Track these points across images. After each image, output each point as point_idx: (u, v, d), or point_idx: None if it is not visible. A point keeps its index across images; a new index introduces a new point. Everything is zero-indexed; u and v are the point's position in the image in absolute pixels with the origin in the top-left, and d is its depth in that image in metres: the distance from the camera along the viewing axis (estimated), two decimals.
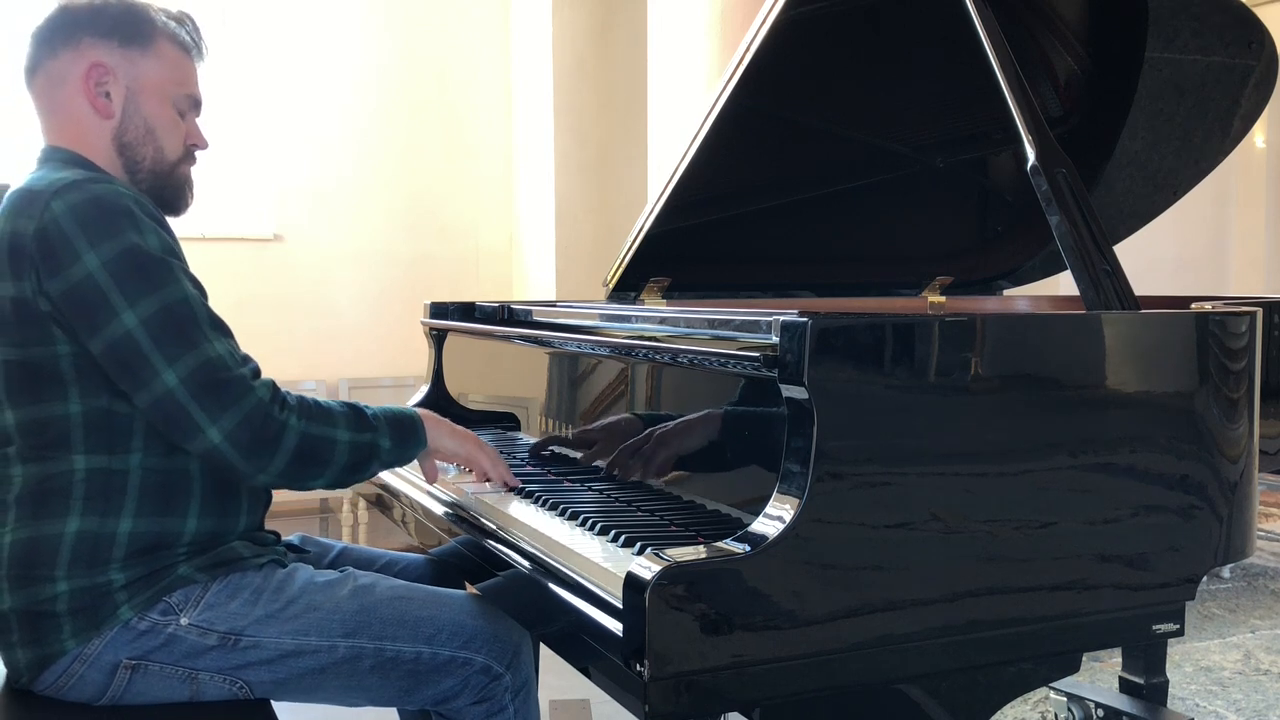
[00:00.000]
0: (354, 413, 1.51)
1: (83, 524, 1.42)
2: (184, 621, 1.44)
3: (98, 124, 1.54)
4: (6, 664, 1.47)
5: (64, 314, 1.40)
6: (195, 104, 1.63)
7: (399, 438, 1.54)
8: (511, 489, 1.68)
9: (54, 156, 1.54)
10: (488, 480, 1.69)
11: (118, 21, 1.55)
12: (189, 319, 1.41)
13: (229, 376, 1.41)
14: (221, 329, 1.46)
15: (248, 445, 1.40)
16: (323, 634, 1.48)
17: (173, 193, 1.61)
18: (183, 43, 1.61)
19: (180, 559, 1.46)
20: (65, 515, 1.42)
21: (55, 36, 1.54)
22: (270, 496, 1.62)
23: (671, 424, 1.55)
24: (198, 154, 1.64)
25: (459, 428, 1.67)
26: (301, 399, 1.47)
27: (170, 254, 1.44)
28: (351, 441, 1.48)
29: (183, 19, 1.63)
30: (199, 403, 1.38)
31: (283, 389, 1.47)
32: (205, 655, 1.45)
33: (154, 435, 1.45)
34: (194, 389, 1.38)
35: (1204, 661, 3.38)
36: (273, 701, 1.52)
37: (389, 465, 1.57)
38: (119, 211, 1.41)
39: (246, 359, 1.47)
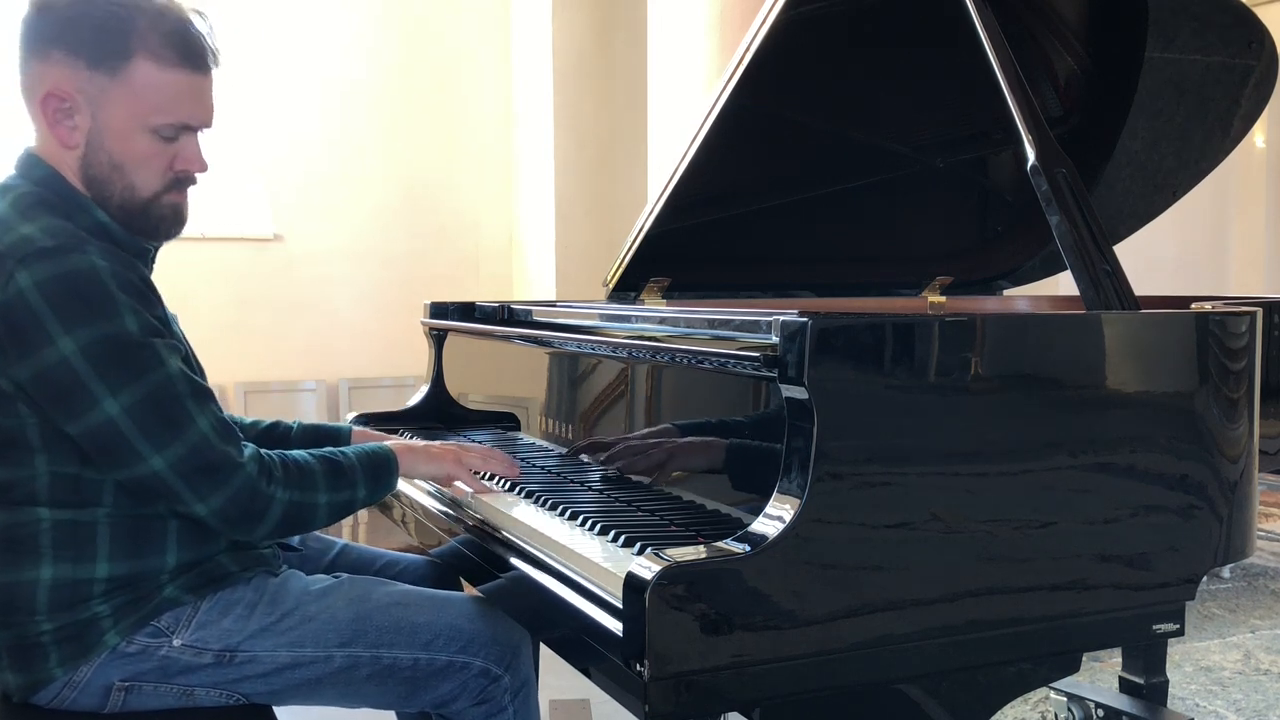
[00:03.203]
0: (332, 469, 1.47)
1: (57, 571, 1.38)
2: (176, 643, 1.42)
3: (62, 151, 1.41)
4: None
5: (33, 396, 1.33)
6: (187, 128, 1.45)
7: (374, 483, 1.52)
8: (516, 482, 1.67)
9: (30, 174, 1.42)
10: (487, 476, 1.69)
11: (92, 35, 1.37)
12: (172, 400, 1.34)
13: (217, 457, 1.36)
14: (204, 397, 1.38)
15: (235, 519, 1.38)
16: (319, 645, 1.47)
17: (151, 223, 1.46)
18: (175, 58, 1.41)
19: (165, 583, 1.44)
20: (38, 564, 1.38)
21: (28, 42, 1.40)
22: None
23: (671, 423, 1.54)
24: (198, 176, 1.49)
25: (434, 447, 1.65)
26: (285, 465, 1.42)
27: (151, 333, 1.35)
28: (330, 502, 1.46)
29: (182, 25, 1.43)
30: (188, 484, 1.35)
31: (266, 454, 1.41)
32: (200, 672, 1.44)
33: (123, 492, 1.40)
34: (182, 472, 1.34)
35: (1204, 661, 3.38)
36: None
37: (363, 507, 1.56)
38: (92, 291, 1.30)
39: (230, 430, 1.40)
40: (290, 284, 4.95)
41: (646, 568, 1.10)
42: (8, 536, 1.39)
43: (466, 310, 2.34)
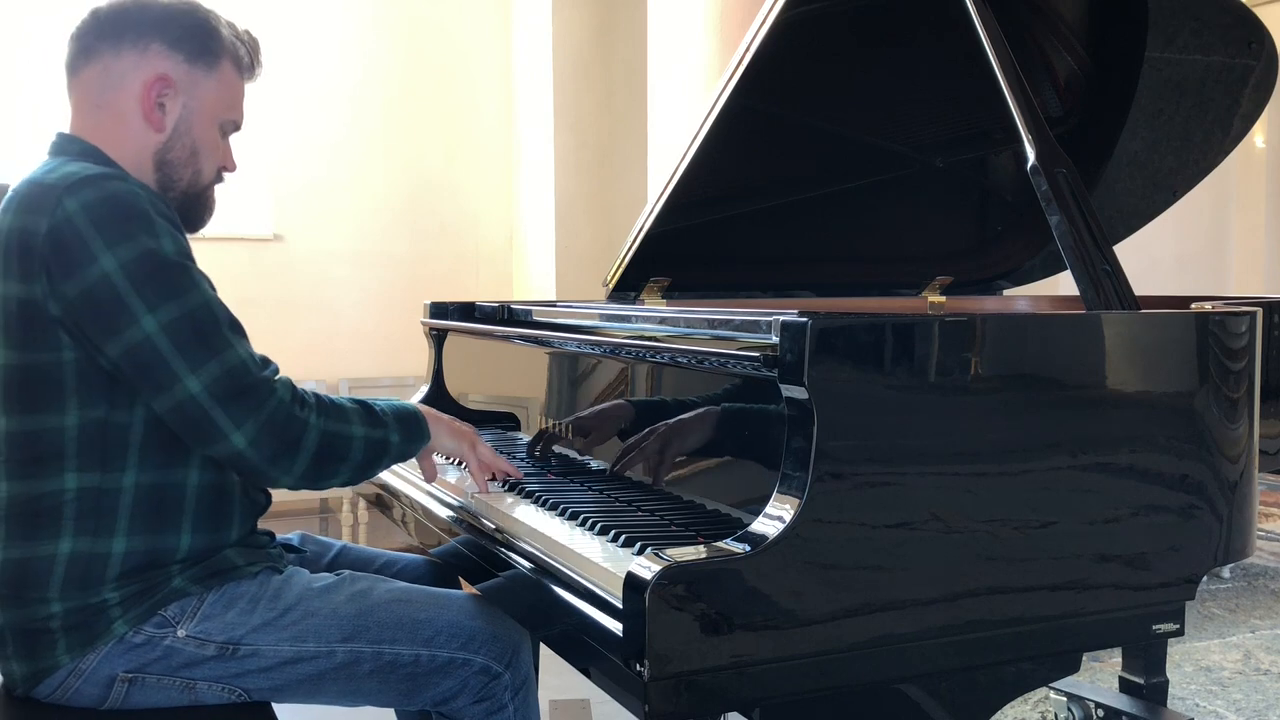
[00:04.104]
0: (364, 409, 1.50)
1: (75, 545, 1.39)
2: (181, 633, 1.43)
3: (144, 135, 1.50)
4: (3, 673, 1.46)
5: (77, 317, 1.36)
6: (237, 126, 1.61)
7: (406, 433, 1.54)
8: (516, 482, 1.68)
9: (69, 148, 1.49)
10: (491, 477, 1.69)
11: (189, 34, 1.51)
12: (210, 323, 1.39)
13: (252, 381, 1.39)
14: (239, 330, 1.43)
15: (272, 450, 1.39)
16: (321, 640, 1.47)
17: (197, 212, 1.59)
18: (242, 64, 1.58)
19: (175, 573, 1.45)
20: (57, 536, 1.39)
21: (123, 33, 1.49)
22: (265, 505, 1.60)
23: (671, 423, 1.55)
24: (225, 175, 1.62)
25: (457, 425, 1.66)
26: (318, 396, 1.46)
27: (186, 256, 1.42)
28: (366, 437, 1.48)
29: (247, 39, 1.60)
30: (223, 408, 1.36)
31: (299, 386, 1.46)
32: (203, 665, 1.44)
33: (148, 450, 1.42)
34: (218, 395, 1.36)
35: (1204, 661, 3.38)
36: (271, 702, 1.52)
37: (396, 461, 1.56)
38: (135, 212, 1.37)
39: (266, 360, 1.45)
40: (290, 284, 4.95)
41: (646, 567, 1.10)
42: (31, 509, 1.40)
43: (466, 310, 2.34)
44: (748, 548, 1.15)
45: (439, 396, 2.32)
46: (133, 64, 1.49)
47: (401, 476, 1.95)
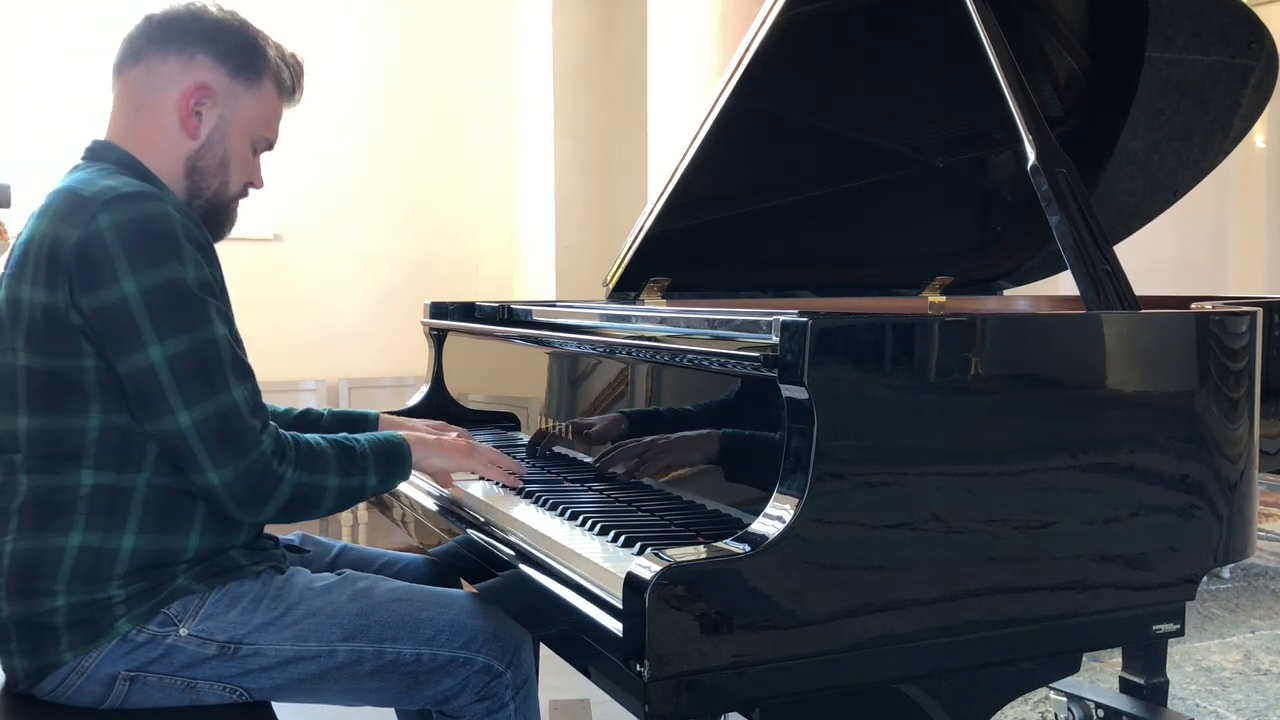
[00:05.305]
0: (345, 454, 1.51)
1: (85, 539, 1.40)
2: (183, 632, 1.43)
3: (178, 140, 1.53)
4: (5, 670, 1.47)
5: (93, 330, 1.38)
6: (270, 145, 1.65)
7: (385, 471, 1.55)
8: (515, 486, 1.68)
9: (106, 156, 1.51)
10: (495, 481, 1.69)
11: (236, 49, 1.56)
12: (214, 362, 1.40)
13: (240, 428, 1.40)
14: (243, 372, 1.44)
15: (243, 495, 1.41)
16: (322, 639, 1.48)
17: (219, 223, 1.60)
18: (284, 86, 1.63)
19: (180, 572, 1.45)
20: (69, 530, 1.40)
21: (171, 39, 1.53)
22: None
23: (671, 423, 1.55)
24: (251, 191, 1.65)
25: (447, 440, 1.67)
26: (299, 446, 1.46)
27: (208, 291, 1.42)
28: (340, 487, 1.49)
29: (292, 62, 1.64)
30: (206, 447, 1.38)
31: (282, 434, 1.46)
32: (204, 664, 1.44)
33: (163, 456, 1.43)
34: (204, 433, 1.38)
35: (1204, 661, 3.38)
36: (271, 701, 1.52)
37: (374, 495, 1.59)
38: (166, 237, 1.39)
39: (261, 409, 1.45)
40: (290, 284, 4.94)
41: (646, 568, 1.10)
42: (46, 502, 1.41)
43: (466, 310, 2.34)
44: (748, 548, 1.15)
45: (439, 397, 2.32)
46: (177, 70, 1.52)
47: None
